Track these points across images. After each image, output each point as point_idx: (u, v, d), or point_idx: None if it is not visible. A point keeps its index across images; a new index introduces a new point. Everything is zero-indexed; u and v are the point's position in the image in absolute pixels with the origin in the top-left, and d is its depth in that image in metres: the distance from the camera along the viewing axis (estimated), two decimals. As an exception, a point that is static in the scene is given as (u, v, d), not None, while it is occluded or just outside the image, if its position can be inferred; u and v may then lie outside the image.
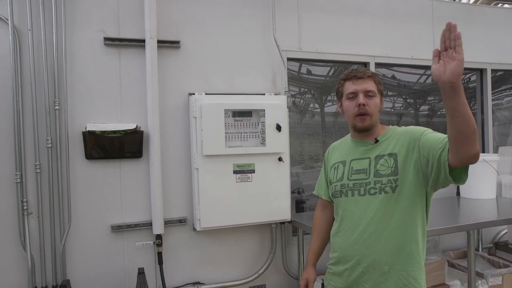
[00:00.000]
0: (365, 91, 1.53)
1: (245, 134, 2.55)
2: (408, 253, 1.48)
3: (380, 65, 3.23)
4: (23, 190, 2.28)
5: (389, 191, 1.48)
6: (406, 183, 1.47)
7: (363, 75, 1.55)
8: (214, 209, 2.49)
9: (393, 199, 1.47)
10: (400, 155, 1.48)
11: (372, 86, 1.54)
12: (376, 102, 1.55)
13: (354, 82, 1.55)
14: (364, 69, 1.60)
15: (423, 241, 1.53)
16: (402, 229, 1.47)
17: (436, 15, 3.37)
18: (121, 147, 2.41)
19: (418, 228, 1.50)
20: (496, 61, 3.60)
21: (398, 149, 1.50)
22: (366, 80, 1.54)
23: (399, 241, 1.47)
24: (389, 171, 1.48)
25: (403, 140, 1.50)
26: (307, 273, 1.79)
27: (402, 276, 1.47)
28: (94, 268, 2.44)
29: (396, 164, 1.48)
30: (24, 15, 2.29)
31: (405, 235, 1.47)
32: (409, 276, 1.47)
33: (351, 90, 1.55)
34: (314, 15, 2.96)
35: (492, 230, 3.55)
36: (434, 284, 2.69)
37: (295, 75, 3.05)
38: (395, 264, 1.47)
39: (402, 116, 3.45)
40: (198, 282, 2.63)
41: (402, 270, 1.47)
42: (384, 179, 1.48)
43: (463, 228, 2.36)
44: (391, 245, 1.48)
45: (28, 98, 2.30)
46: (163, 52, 2.55)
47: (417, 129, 1.51)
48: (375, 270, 1.49)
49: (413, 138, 1.47)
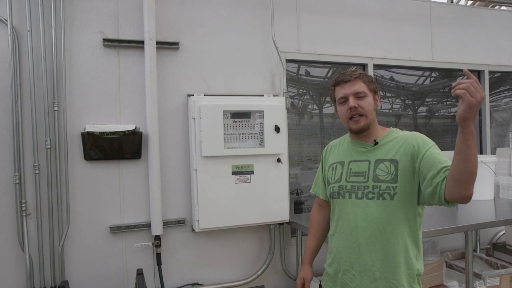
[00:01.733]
0: (355, 94, 1.51)
1: (243, 135, 2.55)
2: (400, 261, 1.47)
3: (378, 67, 3.24)
4: (22, 191, 2.28)
5: (387, 198, 1.47)
6: (404, 191, 1.46)
7: (350, 78, 1.53)
8: (213, 210, 2.49)
9: (391, 206, 1.47)
10: (401, 163, 1.46)
11: (361, 87, 1.52)
12: (369, 101, 1.53)
13: (342, 86, 1.54)
14: (352, 70, 1.57)
15: (417, 249, 1.52)
16: (397, 236, 1.47)
17: (434, 16, 3.38)
18: (120, 148, 2.41)
19: (412, 236, 1.50)
20: (494, 62, 3.62)
21: (400, 157, 1.47)
22: (354, 82, 1.52)
23: (393, 248, 1.47)
24: (388, 177, 1.47)
25: (405, 149, 1.48)
26: (304, 272, 1.79)
27: (393, 285, 1.46)
28: (92, 269, 2.44)
29: (396, 171, 1.46)
30: (23, 16, 2.29)
31: (398, 243, 1.47)
32: (399, 284, 1.46)
33: (341, 95, 1.55)
34: (312, 16, 2.98)
35: (490, 231, 3.57)
36: (432, 285, 2.69)
37: (294, 76, 3.06)
38: (386, 272, 1.47)
39: (400, 118, 3.46)
40: (196, 283, 2.63)
41: (393, 278, 1.46)
42: (383, 185, 1.47)
43: (461, 229, 2.37)
44: (384, 252, 1.47)
45: (27, 99, 2.30)
46: (162, 53, 2.56)
47: (422, 142, 1.46)
48: (366, 276, 1.49)
49: (417, 151, 1.44)
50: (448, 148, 3.57)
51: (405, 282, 1.47)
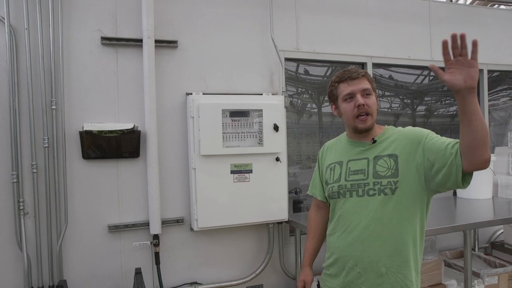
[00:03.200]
0: (362, 91, 1.51)
1: (242, 134, 2.55)
2: (406, 256, 1.47)
3: (377, 66, 3.24)
4: (20, 190, 2.27)
5: (389, 193, 1.46)
6: (407, 185, 1.45)
7: (357, 75, 1.52)
8: (211, 209, 2.49)
9: (392, 201, 1.46)
10: (401, 157, 1.46)
11: (367, 85, 1.53)
12: (374, 100, 1.54)
13: (349, 83, 1.53)
14: (356, 68, 1.57)
15: (421, 243, 1.52)
16: (401, 231, 1.47)
17: (433, 15, 3.38)
18: (118, 147, 2.40)
19: (417, 231, 1.49)
20: (493, 62, 3.62)
21: (400, 151, 1.47)
22: (361, 80, 1.52)
23: (397, 243, 1.47)
24: (389, 172, 1.47)
25: (404, 142, 1.48)
26: (304, 274, 1.78)
27: (399, 279, 1.47)
28: (91, 268, 2.43)
29: (396, 166, 1.46)
30: (21, 14, 2.27)
31: (403, 238, 1.47)
32: (406, 279, 1.47)
33: (348, 92, 1.53)
34: (311, 15, 2.97)
35: (488, 230, 3.57)
36: (430, 283, 2.70)
37: (293, 75, 3.06)
38: (392, 267, 1.47)
39: (399, 117, 3.46)
40: (195, 282, 2.63)
41: (399, 272, 1.47)
42: (384, 181, 1.47)
43: (460, 228, 2.37)
44: (389, 247, 1.47)
45: (24, 97, 2.29)
46: (160, 51, 2.55)
47: (420, 132, 1.48)
48: (372, 272, 1.49)
49: (417, 141, 1.44)
50: (446, 147, 3.57)
51: (413, 277, 1.48)
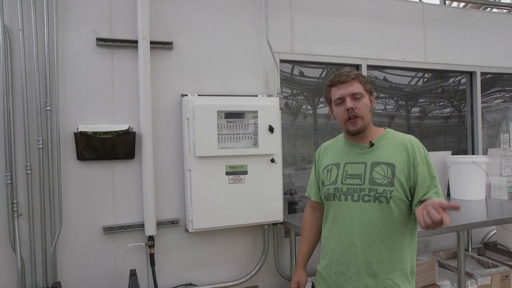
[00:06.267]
0: (352, 94, 1.51)
1: (237, 135, 2.55)
2: (396, 262, 1.49)
3: (372, 67, 3.26)
4: (13, 191, 2.26)
5: (383, 201, 1.48)
6: (400, 195, 1.47)
7: (346, 78, 1.53)
8: (206, 210, 2.49)
9: (387, 209, 1.48)
10: (398, 168, 1.48)
11: (358, 88, 1.52)
12: (365, 102, 1.53)
13: (339, 87, 1.54)
14: (348, 71, 1.57)
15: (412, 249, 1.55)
16: (392, 239, 1.49)
17: (427, 18, 3.41)
18: (113, 148, 2.40)
19: (408, 238, 1.53)
20: (485, 64, 3.65)
21: (397, 161, 1.49)
22: (350, 83, 1.52)
23: (388, 250, 1.49)
24: (385, 181, 1.48)
25: (402, 154, 1.51)
26: (298, 276, 1.78)
27: (387, 284, 1.48)
28: (85, 270, 2.42)
29: (393, 175, 1.48)
30: (15, 15, 2.26)
31: (394, 245, 1.49)
32: (394, 284, 1.49)
33: (338, 96, 1.54)
34: (306, 17, 2.98)
35: (481, 231, 3.60)
36: (424, 284, 2.72)
37: (288, 76, 3.07)
38: (381, 273, 1.49)
39: (393, 118, 3.48)
40: (190, 283, 2.62)
41: (388, 278, 1.49)
42: (380, 188, 1.48)
43: (453, 229, 2.39)
44: (381, 253, 1.49)
45: (19, 98, 2.27)
46: (156, 53, 2.55)
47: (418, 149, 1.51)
48: (362, 277, 1.51)
49: (413, 159, 1.49)
50: (440, 149, 3.61)
51: (400, 282, 1.49)
